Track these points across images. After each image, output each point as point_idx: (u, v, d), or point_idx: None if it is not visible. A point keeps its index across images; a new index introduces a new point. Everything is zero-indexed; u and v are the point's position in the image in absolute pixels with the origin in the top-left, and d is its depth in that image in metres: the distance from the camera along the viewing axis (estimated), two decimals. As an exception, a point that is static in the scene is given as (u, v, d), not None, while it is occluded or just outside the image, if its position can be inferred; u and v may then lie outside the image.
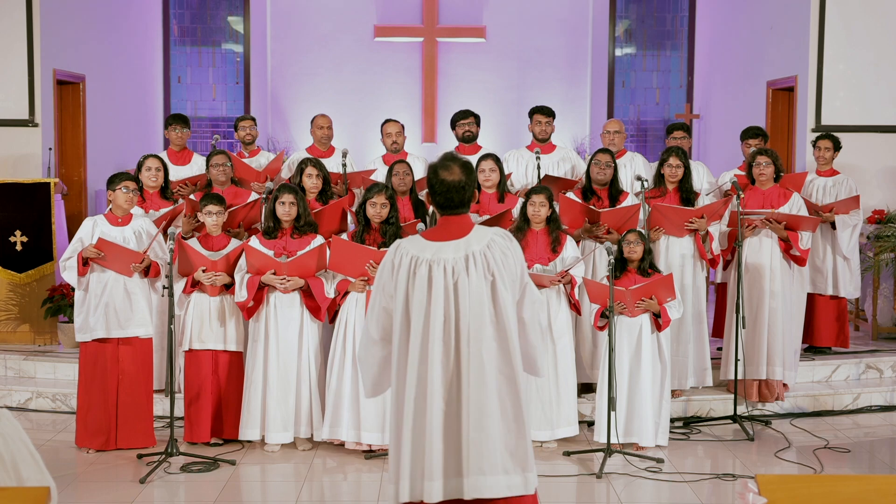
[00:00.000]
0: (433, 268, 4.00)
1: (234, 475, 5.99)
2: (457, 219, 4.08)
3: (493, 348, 3.99)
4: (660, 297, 6.32)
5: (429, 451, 3.96)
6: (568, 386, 6.49)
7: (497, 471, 3.96)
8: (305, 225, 6.47)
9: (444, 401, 3.97)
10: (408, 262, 4.03)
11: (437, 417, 3.95)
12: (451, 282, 3.99)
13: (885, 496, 2.97)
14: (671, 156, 7.15)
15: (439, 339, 3.97)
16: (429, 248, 4.05)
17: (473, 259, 4.01)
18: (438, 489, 3.94)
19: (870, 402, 7.54)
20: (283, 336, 6.37)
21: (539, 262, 6.49)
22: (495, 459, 3.96)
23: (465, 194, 4.05)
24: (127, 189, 6.34)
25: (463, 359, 3.97)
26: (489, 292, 4.00)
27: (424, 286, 4.00)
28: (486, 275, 4.00)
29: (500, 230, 4.15)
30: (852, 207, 7.81)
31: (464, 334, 3.97)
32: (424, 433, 3.97)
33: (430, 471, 3.94)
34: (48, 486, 3.10)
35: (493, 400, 3.97)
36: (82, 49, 9.92)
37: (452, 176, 4.03)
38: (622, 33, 12.90)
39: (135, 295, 6.35)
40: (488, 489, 3.94)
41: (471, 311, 3.97)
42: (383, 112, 11.29)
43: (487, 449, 3.95)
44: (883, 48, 9.22)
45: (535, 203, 6.46)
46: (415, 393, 3.99)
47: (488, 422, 3.96)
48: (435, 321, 3.98)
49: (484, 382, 3.96)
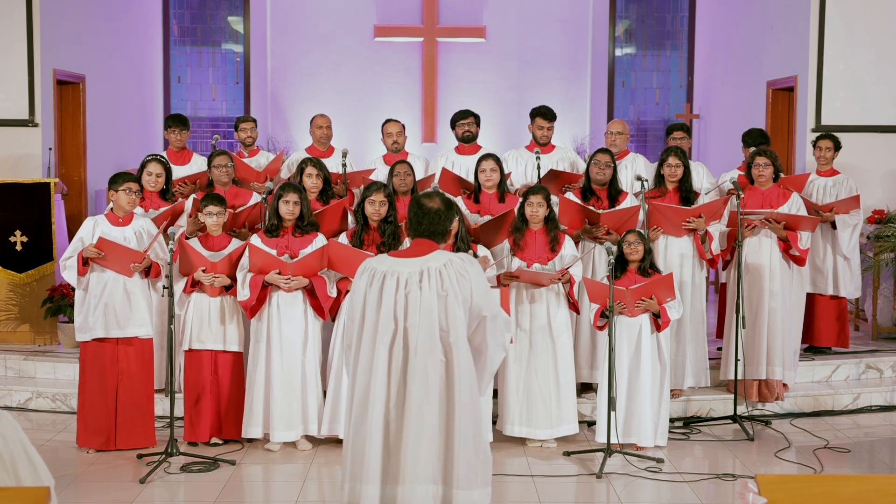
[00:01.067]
0: (387, 279, 4.18)
1: (234, 475, 5.99)
2: (424, 242, 4.25)
3: (438, 363, 4.12)
4: (659, 296, 6.32)
5: (367, 455, 4.10)
6: (567, 384, 6.49)
7: (426, 480, 4.09)
8: (308, 224, 6.47)
9: (385, 407, 4.11)
10: (369, 274, 4.23)
11: (377, 424, 4.10)
12: (402, 294, 4.15)
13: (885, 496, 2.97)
14: (670, 155, 7.16)
15: (385, 348, 4.13)
16: (388, 262, 4.24)
17: (428, 274, 4.15)
18: (375, 494, 4.09)
19: (870, 402, 7.54)
20: (287, 335, 6.38)
21: (538, 262, 6.50)
22: (428, 471, 4.08)
23: (439, 224, 4.24)
24: (129, 191, 6.34)
25: (410, 369, 4.11)
26: (442, 308, 4.13)
27: (376, 296, 4.17)
28: (439, 291, 4.13)
29: (464, 255, 4.29)
30: (852, 207, 7.81)
31: (412, 346, 4.12)
32: (364, 438, 4.12)
33: (367, 475, 4.09)
34: (48, 486, 3.10)
35: (433, 412, 4.10)
36: (82, 49, 9.92)
37: (432, 204, 4.24)
38: (622, 33, 12.90)
39: (134, 295, 6.35)
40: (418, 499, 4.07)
41: (420, 324, 4.11)
42: (383, 112, 11.28)
43: (421, 458, 4.07)
44: (883, 48, 9.21)
45: (533, 203, 6.46)
46: (360, 398, 4.16)
47: (424, 433, 4.08)
48: (383, 330, 4.14)
49: (425, 394, 4.09)
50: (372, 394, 4.11)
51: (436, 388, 4.10)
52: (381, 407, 4.10)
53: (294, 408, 6.37)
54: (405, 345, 4.12)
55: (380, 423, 4.10)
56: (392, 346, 4.13)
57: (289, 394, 6.36)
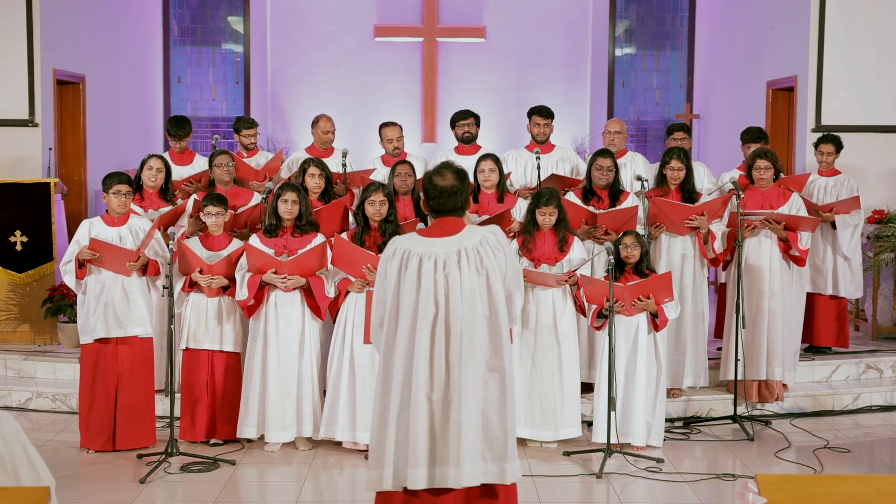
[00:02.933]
0: (424, 261, 4.12)
1: (233, 475, 5.99)
2: (450, 219, 4.19)
3: (484, 341, 4.10)
4: (657, 296, 6.31)
5: (413, 439, 4.06)
6: (572, 387, 6.48)
7: (480, 459, 4.08)
8: (307, 224, 6.47)
9: (430, 390, 4.07)
10: (400, 255, 4.16)
11: (422, 406, 4.06)
12: (441, 275, 4.09)
13: (885, 496, 2.97)
14: (673, 158, 7.14)
15: (427, 329, 4.08)
16: (422, 242, 4.17)
17: (466, 254, 4.12)
18: (423, 476, 4.06)
19: (870, 402, 7.54)
20: (284, 335, 6.37)
21: (546, 263, 6.49)
22: (476, 449, 4.06)
23: (457, 199, 4.17)
24: (119, 193, 6.31)
25: (453, 351, 4.07)
26: (483, 287, 4.10)
27: (414, 278, 4.11)
28: (478, 269, 4.10)
29: (493, 228, 4.26)
30: (853, 207, 7.81)
31: (454, 327, 4.07)
32: (409, 421, 4.07)
33: (413, 458, 4.05)
34: (48, 486, 3.10)
35: (480, 391, 4.08)
36: (82, 49, 9.91)
37: (445, 181, 4.16)
38: (622, 33, 12.90)
39: (133, 294, 6.35)
40: (468, 478, 4.05)
41: (462, 305, 4.07)
42: (383, 112, 11.30)
43: (470, 439, 4.05)
44: (883, 48, 9.21)
45: (545, 213, 6.45)
46: (401, 382, 4.10)
47: (474, 413, 4.06)
48: (424, 313, 4.08)
49: (473, 374, 4.06)
50: (415, 377, 4.06)
51: (485, 365, 4.08)
52: (425, 390, 4.06)
53: (289, 409, 6.36)
54: (447, 327, 4.07)
55: (425, 406, 4.05)
56: (434, 327, 4.07)
57: (284, 394, 6.35)
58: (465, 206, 4.23)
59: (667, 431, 6.69)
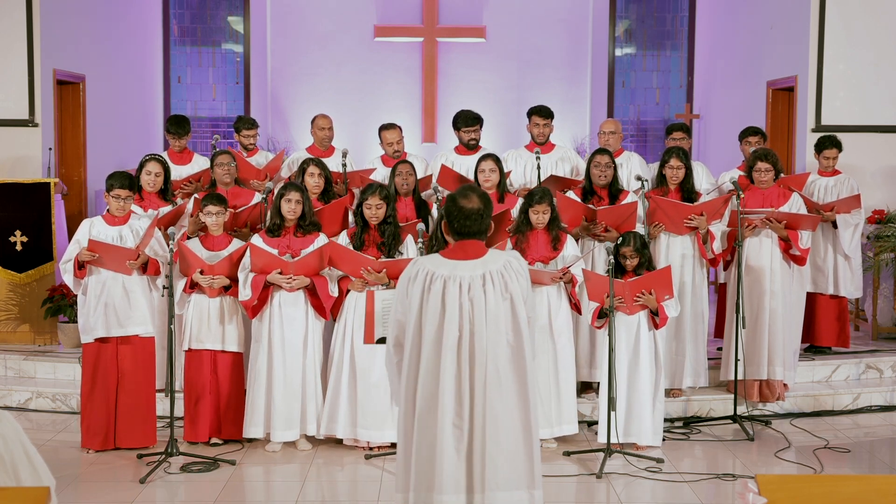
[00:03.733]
0: (448, 283, 4.07)
1: (234, 475, 5.99)
2: (473, 242, 4.16)
3: (508, 366, 4.05)
4: (658, 291, 6.31)
5: (439, 465, 4.00)
6: (568, 384, 6.49)
7: (510, 486, 4.03)
8: (310, 224, 6.47)
9: (455, 415, 4.02)
10: (423, 277, 4.10)
11: (447, 431, 4.00)
12: (466, 298, 4.05)
13: (885, 496, 2.97)
14: (672, 157, 7.15)
15: (453, 353, 4.03)
16: (445, 265, 4.12)
17: (491, 277, 4.08)
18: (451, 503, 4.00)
19: (870, 402, 7.54)
20: (288, 335, 6.38)
21: (540, 261, 6.49)
22: (508, 475, 4.02)
23: (482, 223, 4.13)
24: (118, 197, 6.31)
25: (478, 375, 4.02)
26: (509, 311, 4.07)
27: (438, 301, 4.06)
28: (503, 293, 4.07)
29: (515, 253, 4.24)
30: (853, 206, 7.81)
31: (479, 350, 4.03)
32: (435, 447, 4.01)
33: (440, 485, 3.99)
34: (48, 486, 3.10)
35: (508, 417, 4.03)
36: (82, 49, 9.91)
37: (471, 204, 4.11)
38: (622, 33, 12.90)
39: (133, 293, 6.34)
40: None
41: (487, 328, 4.03)
42: (383, 112, 11.29)
43: (500, 465, 4.00)
44: (883, 48, 9.21)
45: (539, 212, 6.45)
46: (426, 406, 4.04)
47: (503, 438, 4.02)
48: (448, 335, 4.03)
49: (499, 400, 4.02)
50: (441, 403, 4.00)
51: (512, 391, 4.04)
52: (451, 416, 4.01)
53: (294, 408, 6.37)
54: (471, 350, 4.03)
55: (450, 431, 4.00)
56: (459, 351, 4.03)
57: (289, 394, 6.36)
58: (488, 230, 4.21)
59: (667, 431, 6.69)
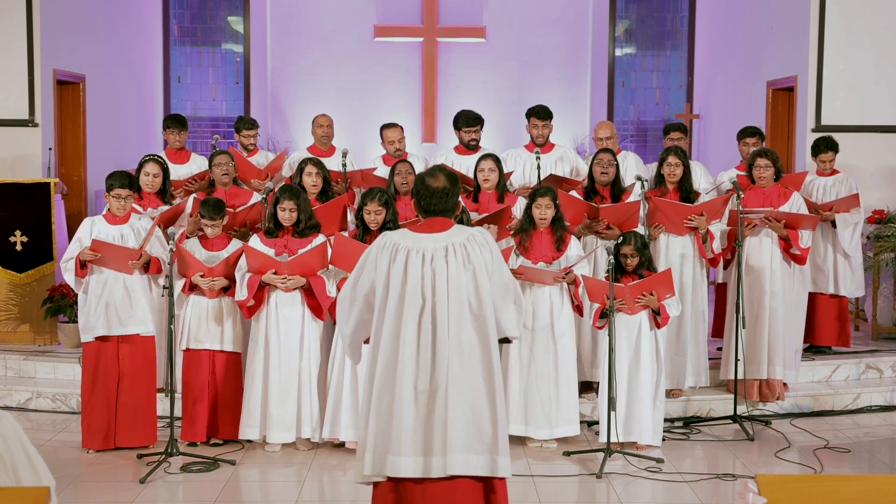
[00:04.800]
0: (411, 254, 4.19)
1: (234, 475, 5.99)
2: (439, 219, 4.28)
3: (471, 334, 4.15)
4: (659, 293, 6.31)
5: (396, 427, 4.09)
6: (569, 385, 6.48)
7: (466, 449, 4.10)
8: (306, 229, 6.45)
9: (415, 380, 4.11)
10: (390, 248, 4.23)
11: (407, 396, 4.10)
12: (428, 268, 4.17)
13: (885, 496, 2.97)
14: (670, 155, 7.16)
15: (414, 321, 4.13)
16: (411, 237, 4.25)
17: (454, 249, 4.19)
18: (408, 465, 4.09)
19: (870, 402, 7.54)
20: (284, 336, 6.37)
21: (543, 261, 6.50)
22: (466, 439, 4.09)
23: (448, 201, 4.26)
24: (119, 197, 6.31)
25: (440, 342, 4.12)
26: (471, 281, 4.17)
27: (401, 270, 4.18)
28: (465, 264, 4.17)
29: (481, 228, 4.37)
30: (853, 206, 7.81)
31: (441, 319, 4.13)
32: (392, 410, 4.11)
33: (397, 446, 4.09)
34: (48, 486, 3.10)
35: (469, 382, 4.12)
36: (82, 49, 9.91)
37: (438, 182, 4.25)
38: (622, 33, 12.90)
39: (135, 292, 6.34)
40: (455, 466, 4.07)
41: (449, 298, 4.13)
42: (383, 112, 11.29)
43: (459, 428, 4.08)
44: (883, 48, 9.21)
45: (542, 206, 6.45)
46: (383, 370, 4.15)
47: (461, 403, 4.09)
48: (410, 305, 4.14)
49: (460, 365, 4.11)
50: (400, 366, 4.11)
51: (475, 358, 4.13)
52: (411, 378, 4.10)
53: (289, 409, 6.36)
54: (433, 319, 4.13)
55: (411, 395, 4.10)
56: (420, 319, 4.13)
57: (285, 395, 6.35)
58: (455, 209, 4.31)
59: (667, 431, 6.69)
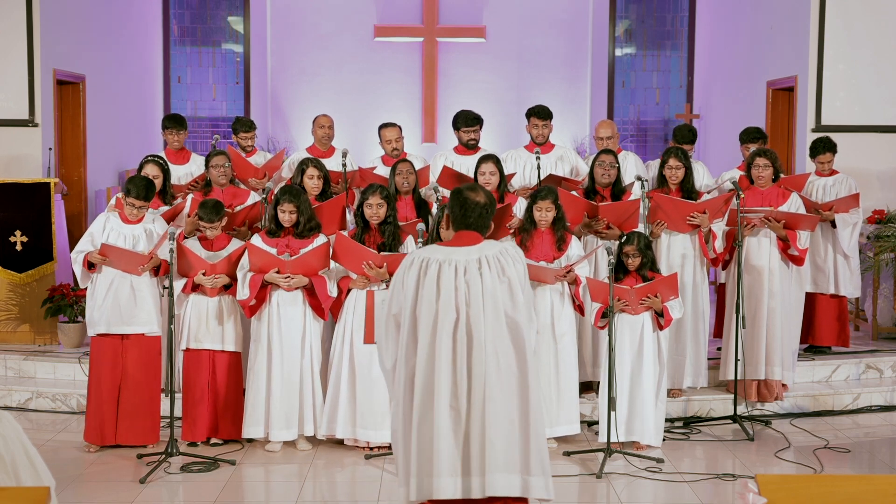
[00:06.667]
0: (443, 267, 4.09)
1: (234, 475, 5.99)
2: (471, 233, 4.20)
3: (508, 347, 4.04)
4: (663, 295, 6.31)
5: (437, 449, 3.98)
6: (569, 384, 6.48)
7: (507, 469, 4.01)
8: (306, 230, 6.45)
9: (453, 399, 4.00)
10: (419, 264, 4.12)
11: (444, 415, 3.99)
12: (462, 280, 4.06)
13: (885, 496, 2.97)
14: (671, 157, 7.15)
15: (449, 336, 4.02)
16: (441, 251, 4.16)
17: (487, 261, 4.09)
18: (449, 486, 3.99)
19: (870, 402, 7.54)
20: (286, 335, 6.37)
21: (544, 261, 6.49)
22: (506, 458, 4.00)
23: (486, 218, 4.21)
24: (132, 206, 6.34)
25: (475, 358, 4.00)
26: (507, 293, 4.07)
27: (434, 285, 4.07)
28: (500, 276, 4.08)
29: (513, 243, 4.26)
30: (852, 206, 7.81)
31: (477, 333, 4.01)
32: (432, 431, 3.99)
33: (438, 468, 3.98)
34: (48, 486, 3.10)
35: (507, 399, 4.01)
36: (82, 49, 9.91)
37: (479, 198, 4.20)
38: (622, 33, 12.90)
39: (141, 293, 6.34)
40: (494, 487, 3.98)
41: (485, 311, 4.02)
42: (383, 112, 11.29)
43: (498, 448, 3.98)
44: (883, 48, 9.21)
45: (542, 209, 6.45)
46: (422, 391, 4.02)
47: (500, 421, 3.99)
48: (444, 319, 4.03)
49: (497, 382, 3.99)
50: (437, 386, 4.00)
51: (511, 373, 4.02)
52: (447, 399, 4.00)
53: (292, 408, 6.37)
54: (468, 332, 4.02)
55: (447, 414, 3.99)
56: (455, 334, 4.02)
57: (287, 394, 6.36)
58: (488, 230, 4.24)
59: (667, 431, 6.69)
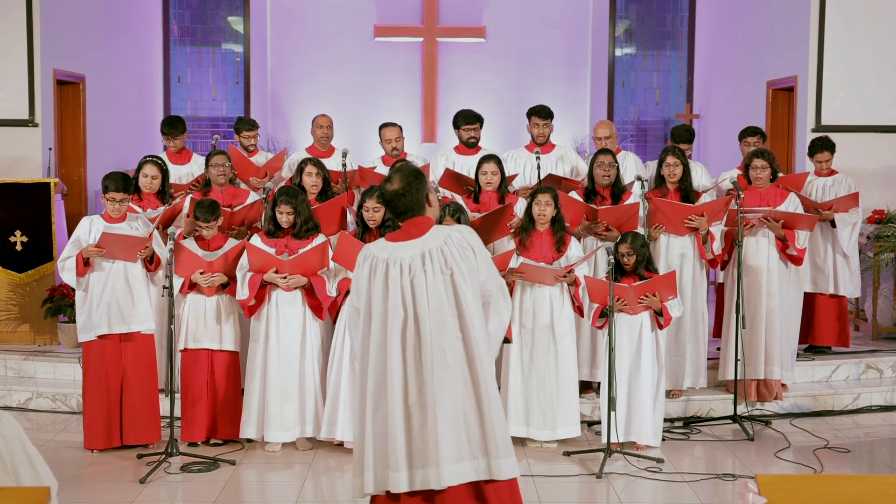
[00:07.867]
0: (390, 266, 4.15)
1: (234, 475, 5.99)
2: (416, 220, 4.21)
3: (454, 344, 4.11)
4: (662, 294, 6.31)
5: (392, 442, 4.08)
6: (569, 387, 6.48)
7: (461, 458, 4.08)
8: (305, 231, 6.45)
9: (405, 393, 4.10)
10: (369, 263, 4.20)
11: (398, 410, 4.08)
12: (407, 280, 4.13)
13: (885, 496, 2.97)
14: (668, 155, 7.16)
15: (398, 334, 4.11)
16: (387, 248, 4.20)
17: (430, 256, 4.14)
18: (404, 480, 4.07)
19: (870, 402, 7.54)
20: (285, 335, 6.37)
21: (543, 262, 6.49)
22: (459, 448, 4.08)
23: (405, 201, 4.16)
24: (113, 200, 6.31)
25: (425, 354, 4.09)
26: (449, 287, 4.12)
27: (382, 284, 4.15)
28: (442, 270, 4.12)
29: (460, 227, 4.27)
30: (851, 205, 7.81)
31: (425, 330, 4.10)
32: (386, 425, 4.10)
33: (394, 462, 4.07)
34: (48, 487, 3.10)
35: (455, 391, 4.09)
36: (82, 49, 9.91)
37: (392, 186, 4.18)
38: (622, 33, 12.90)
39: (137, 290, 6.34)
40: (449, 478, 4.06)
41: (430, 308, 4.10)
42: (383, 112, 11.29)
43: (448, 439, 4.06)
44: (883, 48, 9.21)
45: (541, 202, 6.45)
46: (374, 386, 4.13)
47: (450, 414, 4.08)
48: (393, 318, 4.12)
49: (445, 375, 4.08)
50: (389, 381, 4.09)
51: (458, 366, 4.10)
52: (400, 393, 4.08)
53: (289, 409, 6.36)
54: (417, 330, 4.10)
55: (400, 410, 4.08)
56: (404, 332, 4.11)
57: (284, 394, 6.36)
58: (421, 204, 4.19)
59: (667, 431, 6.70)
